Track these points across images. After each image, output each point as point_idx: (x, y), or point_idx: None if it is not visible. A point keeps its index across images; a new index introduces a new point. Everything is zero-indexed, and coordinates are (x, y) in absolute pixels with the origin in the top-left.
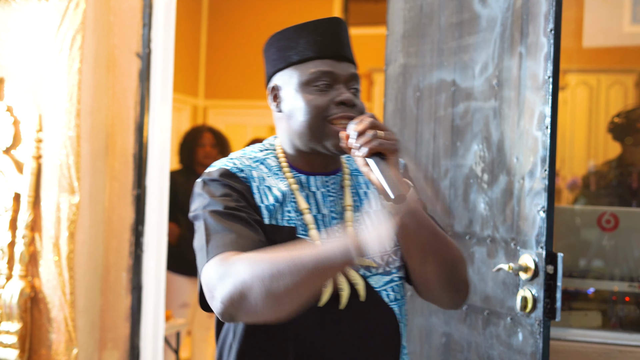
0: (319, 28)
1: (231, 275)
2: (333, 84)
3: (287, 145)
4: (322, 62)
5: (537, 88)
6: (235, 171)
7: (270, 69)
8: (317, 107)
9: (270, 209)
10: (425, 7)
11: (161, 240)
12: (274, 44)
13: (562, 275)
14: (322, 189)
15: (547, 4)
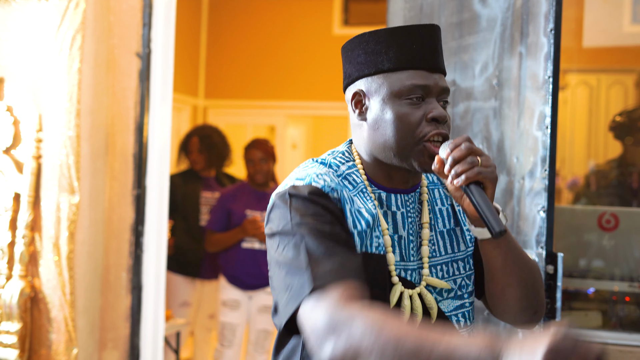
0: (414, 35)
1: (348, 334)
2: (425, 97)
3: (366, 155)
4: (416, 73)
5: (537, 88)
6: (328, 190)
7: (354, 72)
8: (408, 123)
9: (362, 235)
10: (425, 7)
11: (161, 240)
12: (362, 46)
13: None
14: (402, 209)
15: (547, 4)
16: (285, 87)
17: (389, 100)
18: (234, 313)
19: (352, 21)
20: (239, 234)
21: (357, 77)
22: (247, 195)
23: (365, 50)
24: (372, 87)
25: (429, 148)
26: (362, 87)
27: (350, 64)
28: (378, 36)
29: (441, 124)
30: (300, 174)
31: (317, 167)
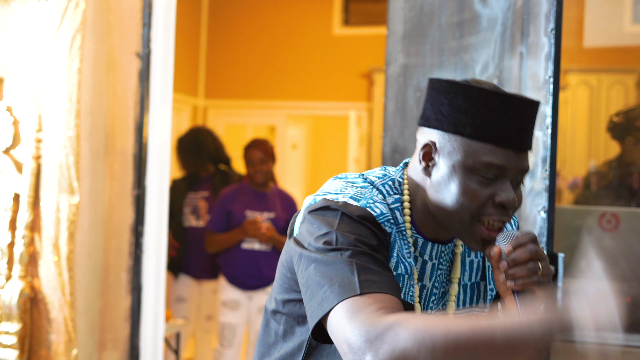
0: (508, 106)
1: (391, 341)
2: (499, 177)
3: (417, 200)
4: (497, 150)
5: (537, 88)
6: (382, 221)
7: (432, 119)
8: (472, 201)
9: (399, 278)
10: (426, 7)
11: (161, 241)
12: (449, 96)
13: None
14: (434, 260)
15: (547, 4)
16: (285, 87)
17: (459, 170)
18: (233, 313)
19: (352, 21)
20: (239, 234)
21: (435, 127)
22: (246, 195)
23: (451, 103)
24: (446, 146)
25: (484, 232)
26: (436, 140)
27: (431, 105)
28: (469, 94)
29: (507, 210)
30: (356, 195)
31: (370, 190)
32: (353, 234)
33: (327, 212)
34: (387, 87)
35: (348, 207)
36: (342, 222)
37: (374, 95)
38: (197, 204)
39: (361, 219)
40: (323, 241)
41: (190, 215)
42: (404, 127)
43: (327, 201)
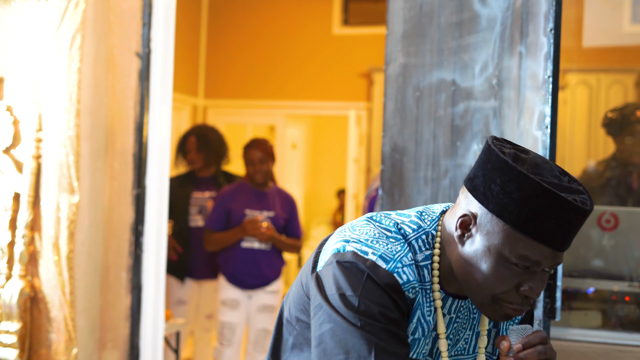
0: (560, 209)
1: None
2: (531, 268)
3: (445, 256)
4: (537, 246)
5: (537, 88)
6: (407, 289)
7: (480, 189)
8: (500, 284)
9: (415, 342)
10: (425, 7)
11: (161, 240)
12: (502, 176)
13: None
14: (453, 313)
15: (547, 4)
16: (285, 87)
17: (494, 251)
18: (233, 312)
19: (351, 21)
20: (239, 233)
21: (480, 200)
22: (246, 195)
23: (503, 185)
24: (487, 224)
25: (504, 311)
26: (478, 214)
27: (483, 178)
28: (524, 184)
29: (529, 300)
30: (386, 252)
31: (402, 246)
32: (377, 304)
33: (355, 270)
34: (387, 86)
35: (376, 269)
36: (366, 287)
37: (374, 95)
38: (205, 204)
39: (387, 287)
40: (346, 302)
41: (196, 215)
42: (404, 127)
43: (356, 256)
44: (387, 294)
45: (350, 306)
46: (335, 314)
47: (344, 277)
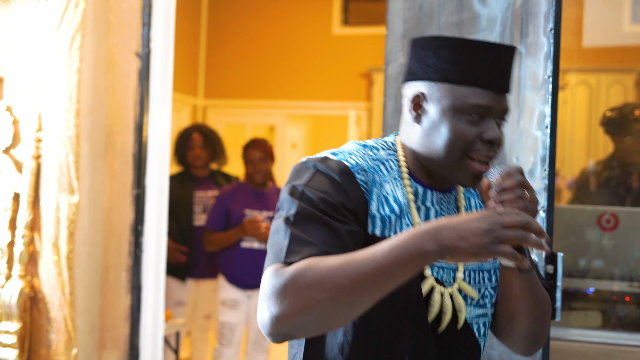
0: (490, 53)
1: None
2: (485, 116)
3: (411, 153)
4: (482, 92)
5: (537, 87)
6: (356, 170)
7: (420, 72)
8: (462, 140)
9: (384, 220)
10: (425, 7)
11: (161, 240)
12: (434, 49)
13: (562, 275)
14: (436, 206)
15: (546, 4)
16: (285, 87)
17: (448, 113)
18: (233, 312)
19: (351, 21)
20: (238, 233)
21: (422, 78)
22: (246, 194)
23: (437, 55)
24: (435, 94)
25: (474, 167)
26: (424, 91)
27: (417, 62)
28: (454, 45)
29: (494, 146)
30: (336, 150)
31: (354, 146)
32: (320, 191)
33: (305, 166)
34: (387, 86)
35: (325, 161)
36: (314, 178)
37: (374, 95)
38: (209, 203)
39: (336, 171)
40: (292, 191)
41: (201, 215)
42: None
43: (309, 158)
44: (334, 181)
45: (293, 193)
46: (283, 207)
47: (295, 173)
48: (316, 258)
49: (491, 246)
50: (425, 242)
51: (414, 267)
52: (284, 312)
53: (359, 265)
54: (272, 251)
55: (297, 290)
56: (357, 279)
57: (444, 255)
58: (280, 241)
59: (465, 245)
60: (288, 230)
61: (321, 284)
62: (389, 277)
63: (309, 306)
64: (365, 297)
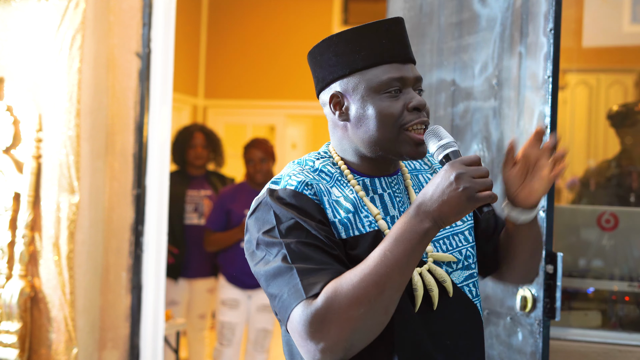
0: (381, 30)
1: (331, 320)
2: (402, 88)
3: (349, 153)
4: (390, 67)
5: (536, 88)
6: (302, 189)
7: (328, 75)
8: (392, 115)
9: (344, 222)
10: (425, 7)
11: (161, 240)
12: (331, 49)
13: (561, 274)
14: (388, 189)
15: (546, 4)
16: (285, 87)
17: (368, 97)
18: (233, 312)
19: (351, 21)
20: (238, 234)
21: (332, 80)
22: (246, 195)
23: (336, 53)
24: (349, 87)
25: (413, 136)
26: (339, 89)
27: (321, 68)
28: (346, 37)
29: (422, 112)
30: (276, 177)
31: (291, 167)
32: (290, 222)
33: (261, 208)
34: None
35: (273, 194)
36: (275, 214)
37: None
38: (202, 202)
39: (286, 198)
40: (266, 239)
41: (192, 214)
42: None
43: (257, 201)
44: (289, 205)
45: (271, 235)
46: (264, 256)
47: (255, 222)
48: (335, 280)
49: (472, 199)
50: (420, 223)
51: (422, 248)
52: (332, 342)
53: (378, 270)
54: (284, 296)
55: (337, 315)
56: (382, 282)
57: (440, 225)
58: (289, 282)
59: (450, 209)
60: (291, 268)
61: (354, 301)
62: (405, 267)
63: (352, 326)
64: (394, 295)
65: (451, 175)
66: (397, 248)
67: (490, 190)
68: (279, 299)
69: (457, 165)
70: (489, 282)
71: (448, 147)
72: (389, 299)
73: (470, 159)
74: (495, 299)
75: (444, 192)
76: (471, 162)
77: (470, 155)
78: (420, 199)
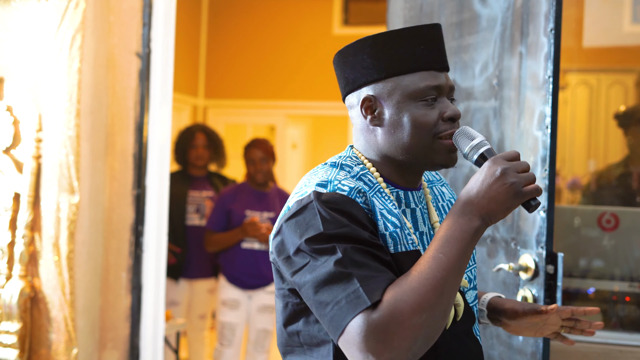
0: (420, 35)
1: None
2: (438, 97)
3: (378, 158)
4: (428, 74)
5: (537, 88)
6: (354, 196)
7: (360, 78)
8: (427, 124)
9: (394, 236)
10: (426, 7)
11: (161, 240)
12: (366, 50)
13: (562, 275)
14: (419, 204)
15: (547, 4)
16: (285, 87)
17: (404, 103)
18: (233, 313)
19: (352, 21)
20: (239, 234)
21: (364, 83)
22: (247, 195)
23: (371, 55)
24: (384, 91)
25: (446, 144)
26: (372, 92)
27: (353, 70)
28: (383, 40)
29: (456, 122)
30: (321, 179)
31: (333, 171)
32: (340, 228)
33: (305, 211)
34: None
35: (321, 198)
36: (323, 219)
37: None
38: (203, 203)
39: (337, 203)
40: (315, 242)
41: (194, 214)
42: None
43: (300, 202)
44: (341, 211)
45: (319, 241)
46: (308, 262)
47: (297, 225)
48: (392, 287)
49: (520, 194)
50: (470, 222)
51: (472, 248)
52: (396, 353)
53: (435, 274)
54: (342, 302)
55: (400, 324)
56: (441, 286)
57: (488, 222)
58: (346, 288)
59: (498, 205)
60: (349, 274)
61: (417, 308)
62: (460, 269)
63: (415, 334)
64: (451, 299)
65: (496, 170)
66: (449, 249)
67: (534, 183)
68: (332, 306)
69: (500, 161)
70: (489, 282)
71: (482, 146)
72: (447, 302)
73: (510, 154)
74: None
75: (490, 188)
76: (512, 157)
77: (510, 151)
78: (464, 197)
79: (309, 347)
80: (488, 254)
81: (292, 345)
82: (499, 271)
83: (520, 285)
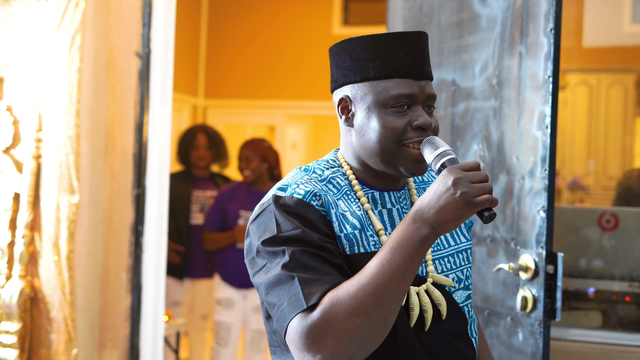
0: (400, 43)
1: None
2: (411, 105)
3: (354, 160)
4: (402, 82)
5: (537, 88)
6: (310, 199)
7: (341, 77)
8: (393, 129)
9: (350, 237)
10: (425, 7)
11: (161, 240)
12: (348, 51)
13: (562, 275)
14: (397, 205)
15: (547, 4)
16: (285, 86)
17: (374, 108)
18: (228, 312)
19: (351, 21)
20: (230, 238)
21: (344, 83)
22: (243, 195)
23: (352, 57)
24: (358, 94)
25: (412, 153)
26: (348, 93)
27: (337, 68)
28: (364, 43)
29: (426, 132)
30: (282, 183)
31: (298, 174)
32: (293, 230)
33: (264, 214)
34: None
35: (278, 201)
36: (277, 222)
37: None
38: (207, 203)
39: (292, 206)
40: (266, 246)
41: (198, 214)
42: None
43: (261, 206)
44: (295, 214)
45: (272, 244)
46: (265, 264)
47: (257, 228)
48: (332, 291)
49: (470, 204)
50: (418, 230)
51: (420, 257)
52: (329, 354)
53: (375, 280)
54: (284, 304)
55: (334, 327)
56: (380, 292)
57: (438, 232)
58: (289, 291)
59: (448, 214)
60: (292, 276)
61: (352, 313)
62: (404, 276)
63: (350, 337)
64: (392, 305)
65: (448, 180)
66: (394, 256)
67: (489, 194)
68: (278, 308)
69: (455, 171)
70: (489, 282)
71: (445, 156)
72: (387, 309)
73: (468, 164)
74: (496, 299)
75: (440, 198)
76: (470, 167)
77: (469, 161)
78: (417, 205)
79: (285, 347)
80: (488, 254)
81: (274, 345)
82: (499, 271)
83: (520, 285)
